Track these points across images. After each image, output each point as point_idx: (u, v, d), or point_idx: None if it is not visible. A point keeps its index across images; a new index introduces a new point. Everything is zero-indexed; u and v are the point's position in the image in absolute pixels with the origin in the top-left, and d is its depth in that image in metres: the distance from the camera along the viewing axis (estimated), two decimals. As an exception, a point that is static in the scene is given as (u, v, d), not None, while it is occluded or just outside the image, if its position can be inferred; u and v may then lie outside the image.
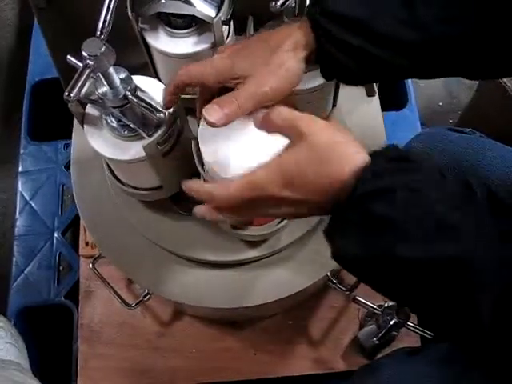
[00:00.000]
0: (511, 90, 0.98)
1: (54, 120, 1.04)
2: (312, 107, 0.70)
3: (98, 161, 0.78)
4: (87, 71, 0.50)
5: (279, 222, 0.68)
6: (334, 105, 0.74)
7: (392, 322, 0.78)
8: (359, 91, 0.84)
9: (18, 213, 1.04)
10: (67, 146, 1.09)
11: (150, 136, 0.58)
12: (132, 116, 0.58)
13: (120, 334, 0.91)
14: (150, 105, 0.56)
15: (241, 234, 0.69)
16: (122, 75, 0.55)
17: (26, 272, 1.00)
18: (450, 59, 0.52)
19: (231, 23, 0.67)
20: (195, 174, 0.65)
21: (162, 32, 0.66)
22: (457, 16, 0.50)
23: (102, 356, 0.90)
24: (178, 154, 0.65)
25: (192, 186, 0.51)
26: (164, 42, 0.66)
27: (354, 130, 0.80)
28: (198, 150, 0.56)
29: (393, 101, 1.10)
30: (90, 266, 0.84)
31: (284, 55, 0.51)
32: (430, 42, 0.50)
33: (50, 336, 1.01)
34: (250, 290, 0.74)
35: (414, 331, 0.80)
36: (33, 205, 1.05)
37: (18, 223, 1.04)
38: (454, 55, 0.51)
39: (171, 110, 0.58)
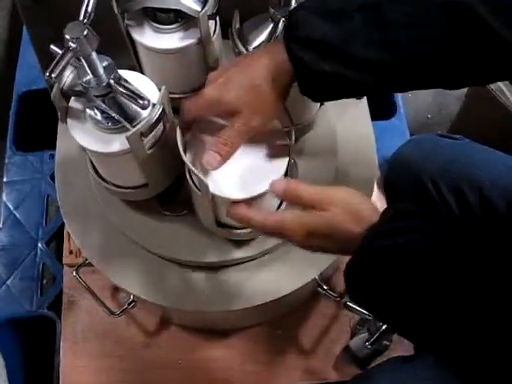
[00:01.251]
0: (499, 96, 0.99)
1: (40, 130, 1.03)
2: (299, 105, 0.69)
3: (82, 164, 0.76)
4: (69, 54, 0.49)
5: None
6: (321, 103, 0.73)
7: (384, 327, 0.76)
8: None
9: (1, 223, 1.02)
10: (53, 156, 1.06)
11: (133, 127, 0.57)
12: (116, 107, 0.57)
13: (104, 345, 0.88)
14: (133, 92, 0.55)
15: (227, 233, 0.67)
16: (105, 63, 0.55)
17: (8, 283, 0.97)
18: (425, 74, 0.53)
19: (217, 18, 0.67)
20: (181, 174, 0.64)
21: (148, 28, 0.66)
22: (426, 36, 0.50)
23: (85, 368, 0.86)
24: (164, 150, 0.64)
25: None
26: (150, 38, 0.66)
27: (344, 132, 0.79)
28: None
29: (382, 111, 1.11)
30: (74, 273, 0.82)
31: (265, 93, 0.54)
32: (403, 60, 0.51)
33: (33, 348, 0.97)
34: (237, 292, 0.72)
35: (407, 337, 0.78)
36: (17, 215, 1.03)
37: (1, 233, 1.01)
38: (429, 70, 0.52)
39: (156, 100, 0.57)
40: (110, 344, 0.88)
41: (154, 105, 0.58)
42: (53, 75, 0.49)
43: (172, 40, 0.66)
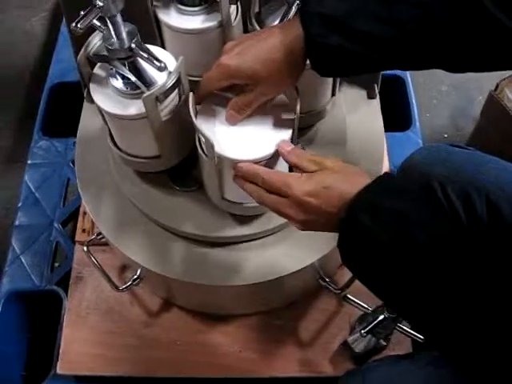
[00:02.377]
0: (513, 112, 1.00)
1: (68, 119, 1.08)
2: (311, 91, 0.72)
3: (100, 141, 0.81)
4: (95, 10, 0.53)
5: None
6: (333, 94, 0.76)
7: (381, 317, 0.76)
8: (360, 93, 0.87)
9: (21, 202, 1.06)
10: (77, 143, 1.12)
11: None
12: (135, 71, 0.61)
13: (106, 321, 0.90)
14: (152, 55, 0.58)
15: (232, 206, 0.69)
16: (128, 28, 0.59)
17: (21, 258, 1.00)
18: (426, 53, 0.55)
19: (238, 4, 0.71)
20: (192, 154, 0.67)
21: (174, 9, 0.70)
22: (430, 14, 0.53)
23: (86, 341, 0.88)
24: (177, 123, 0.67)
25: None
26: (174, 19, 0.70)
27: (354, 127, 0.82)
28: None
29: (397, 123, 1.13)
30: (85, 248, 0.84)
31: (281, 65, 0.57)
32: (405, 37, 0.53)
33: (39, 322, 1.00)
34: (239, 269, 0.74)
35: (405, 333, 0.79)
36: (36, 195, 1.07)
37: (20, 212, 1.05)
38: (429, 49, 0.54)
39: (172, 68, 0.61)
40: (112, 321, 0.90)
41: (170, 73, 0.61)
42: (78, 25, 0.53)
43: (195, 22, 0.70)
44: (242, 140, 0.61)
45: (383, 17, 0.53)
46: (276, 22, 0.66)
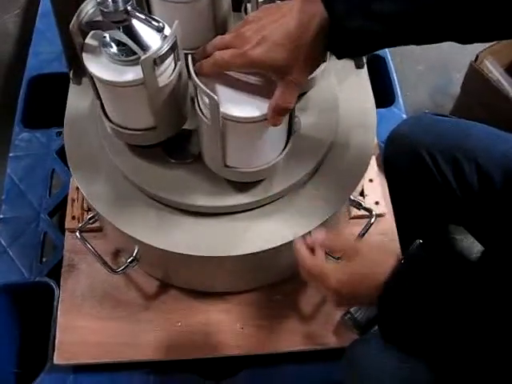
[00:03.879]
0: (496, 83, 1.02)
1: (48, 111, 1.06)
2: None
3: (91, 119, 0.80)
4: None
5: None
6: (324, 59, 0.76)
7: None
8: (348, 63, 0.87)
9: (5, 194, 1.03)
10: (60, 133, 1.10)
11: (147, 54, 0.59)
12: (131, 35, 0.60)
13: (102, 307, 0.87)
14: (149, 16, 0.58)
15: (234, 173, 0.69)
16: (124, -10, 0.58)
17: (8, 251, 0.98)
18: (435, 27, 0.55)
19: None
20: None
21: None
22: None
23: (82, 329, 0.86)
24: (173, 92, 0.66)
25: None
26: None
27: (345, 96, 0.82)
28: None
29: (381, 99, 1.14)
30: (77, 234, 0.82)
31: (309, 49, 0.55)
32: (418, 12, 0.53)
33: (31, 315, 0.97)
34: (237, 239, 0.73)
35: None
36: (21, 187, 1.04)
37: (4, 205, 1.02)
38: (438, 24, 0.54)
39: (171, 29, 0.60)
40: (109, 306, 0.88)
41: (166, 37, 0.61)
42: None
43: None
44: (245, 99, 0.60)
45: None
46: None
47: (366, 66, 0.87)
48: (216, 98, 0.56)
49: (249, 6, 0.69)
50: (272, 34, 0.56)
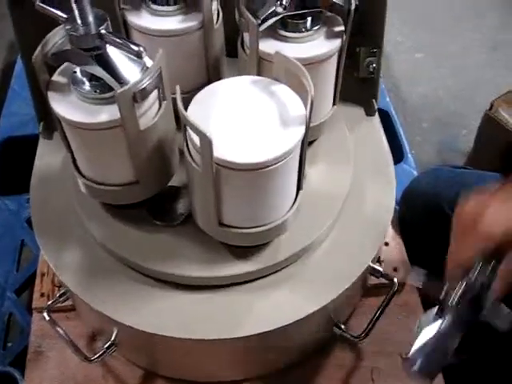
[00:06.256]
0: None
1: (20, 176, 0.96)
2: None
3: (60, 179, 0.70)
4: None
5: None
6: (334, 103, 0.67)
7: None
8: (357, 111, 0.78)
9: (-32, 268, 0.90)
10: (30, 199, 0.99)
11: (125, 87, 0.48)
12: (106, 67, 0.49)
13: (74, 405, 0.72)
14: (126, 40, 0.47)
15: (230, 235, 0.56)
16: (97, 13, 0.48)
17: (-34, 336, 0.83)
18: None
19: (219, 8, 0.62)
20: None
21: (146, 11, 0.61)
22: None
23: (50, 434, 0.70)
24: (158, 138, 0.55)
25: None
26: (147, 20, 0.60)
27: (358, 148, 0.72)
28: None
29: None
30: (45, 314, 0.69)
31: None
32: None
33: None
34: (241, 317, 0.60)
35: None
36: (-15, 261, 0.91)
37: (-34, 280, 0.89)
38: None
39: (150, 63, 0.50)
40: (82, 403, 0.72)
41: (148, 68, 0.50)
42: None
43: (170, 22, 0.60)
44: (244, 141, 0.49)
45: None
46: (271, 10, 0.56)
47: (377, 113, 0.78)
48: (208, 135, 0.45)
49: (246, 35, 0.59)
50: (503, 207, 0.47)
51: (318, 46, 0.59)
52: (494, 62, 1.51)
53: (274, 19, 0.56)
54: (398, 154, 1.07)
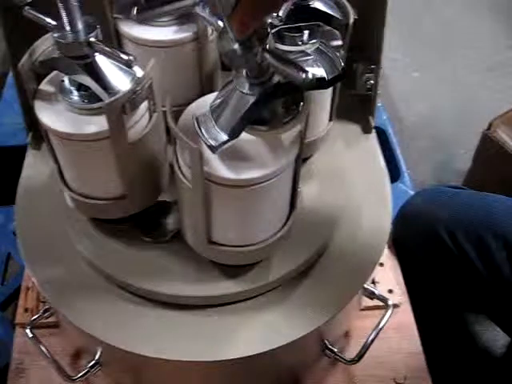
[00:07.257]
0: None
1: (7, 187, 0.94)
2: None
3: (46, 193, 0.67)
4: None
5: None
6: (330, 118, 0.65)
7: None
8: (353, 128, 0.77)
9: (-50, 283, 0.87)
10: (20, 211, 0.96)
11: (114, 98, 0.47)
12: (95, 76, 0.47)
13: (55, 427, 0.69)
14: (116, 49, 0.45)
15: (220, 253, 0.54)
16: (87, 20, 0.46)
17: None
18: None
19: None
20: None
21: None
22: None
23: None
24: (148, 150, 0.54)
25: None
26: (140, 30, 0.59)
27: (353, 166, 0.71)
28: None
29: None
30: (28, 331, 0.66)
31: None
32: None
33: None
34: (230, 338, 0.57)
35: None
36: (-31, 273, 0.88)
37: None
38: None
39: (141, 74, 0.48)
40: (64, 425, 0.69)
41: (138, 78, 0.48)
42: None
43: (165, 33, 0.58)
44: (236, 157, 0.47)
45: None
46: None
47: (374, 130, 0.76)
48: (198, 147, 0.43)
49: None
50: None
51: (314, 60, 0.57)
52: (490, 81, 1.50)
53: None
54: (394, 173, 1.06)
